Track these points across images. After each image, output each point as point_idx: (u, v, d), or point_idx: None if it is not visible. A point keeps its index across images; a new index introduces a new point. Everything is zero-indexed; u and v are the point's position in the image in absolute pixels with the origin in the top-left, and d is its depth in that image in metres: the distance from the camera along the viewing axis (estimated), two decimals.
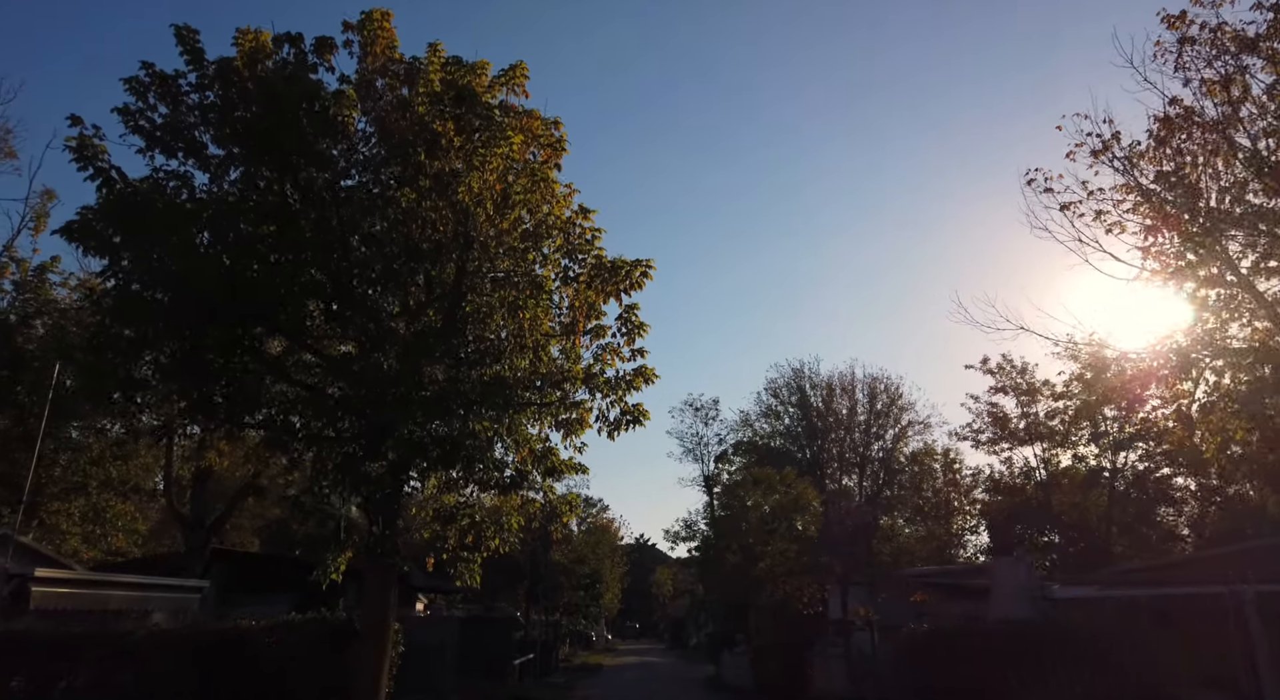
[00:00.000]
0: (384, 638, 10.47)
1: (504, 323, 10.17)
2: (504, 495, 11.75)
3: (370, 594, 10.58)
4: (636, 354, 12.56)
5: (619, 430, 12.74)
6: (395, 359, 9.78)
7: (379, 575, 10.60)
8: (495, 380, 10.47)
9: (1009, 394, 33.71)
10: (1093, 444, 31.96)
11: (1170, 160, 10.45)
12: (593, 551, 52.10)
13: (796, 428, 55.27)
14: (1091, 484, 32.38)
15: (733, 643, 30.33)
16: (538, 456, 11.06)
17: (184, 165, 10.18)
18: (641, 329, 12.36)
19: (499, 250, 10.02)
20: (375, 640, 10.43)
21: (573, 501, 13.33)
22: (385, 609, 10.56)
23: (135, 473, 20.36)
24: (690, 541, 45.64)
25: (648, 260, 11.30)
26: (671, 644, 70.68)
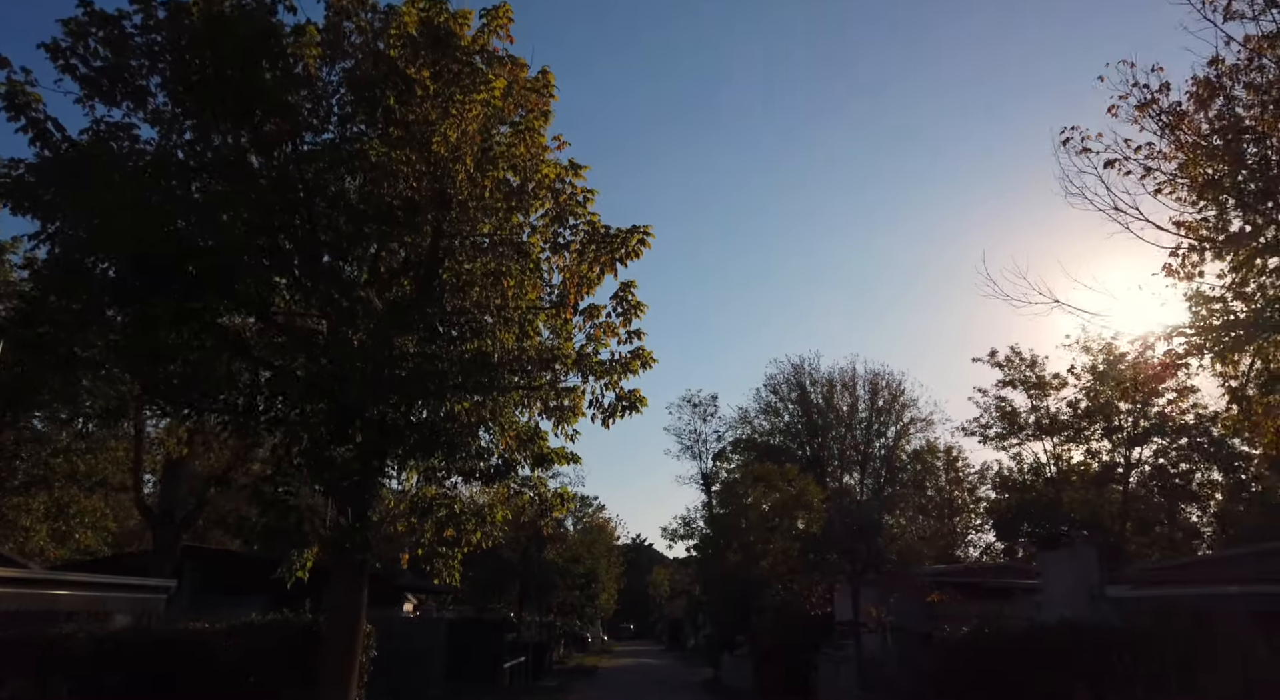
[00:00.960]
0: (352, 642, 9.51)
1: (485, 293, 9.19)
2: (488, 486, 10.81)
3: (338, 594, 9.62)
4: (633, 336, 11.74)
5: (614, 418, 11.93)
6: (365, 333, 8.81)
7: (348, 573, 9.65)
8: (477, 358, 9.52)
9: (1018, 388, 32.86)
10: (1106, 439, 31.10)
11: (1225, 116, 9.55)
12: (588, 551, 51.17)
13: (797, 425, 54.44)
14: (1104, 480, 31.51)
15: (733, 645, 29.43)
16: (523, 441, 10.09)
17: (129, 116, 9.19)
18: (638, 309, 11.52)
19: (479, 213, 9.05)
20: (342, 644, 9.48)
21: (564, 495, 12.37)
22: (354, 610, 9.61)
23: (105, 466, 19.34)
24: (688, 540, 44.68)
25: (645, 227, 10.37)
26: (669, 645, 69.85)
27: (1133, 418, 29.87)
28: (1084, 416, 30.95)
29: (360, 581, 9.73)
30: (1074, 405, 31.30)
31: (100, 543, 21.91)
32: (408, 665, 20.60)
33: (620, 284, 11.60)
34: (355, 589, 9.66)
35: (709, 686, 28.78)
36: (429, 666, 23.38)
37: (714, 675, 31.57)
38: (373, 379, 8.72)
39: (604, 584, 55.35)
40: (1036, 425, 32.48)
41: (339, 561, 9.72)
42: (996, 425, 33.67)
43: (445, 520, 9.82)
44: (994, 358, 33.15)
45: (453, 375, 9.36)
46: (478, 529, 10.06)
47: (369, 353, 8.71)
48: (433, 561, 9.87)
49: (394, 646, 19.96)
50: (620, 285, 11.53)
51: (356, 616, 9.64)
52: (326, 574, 10.99)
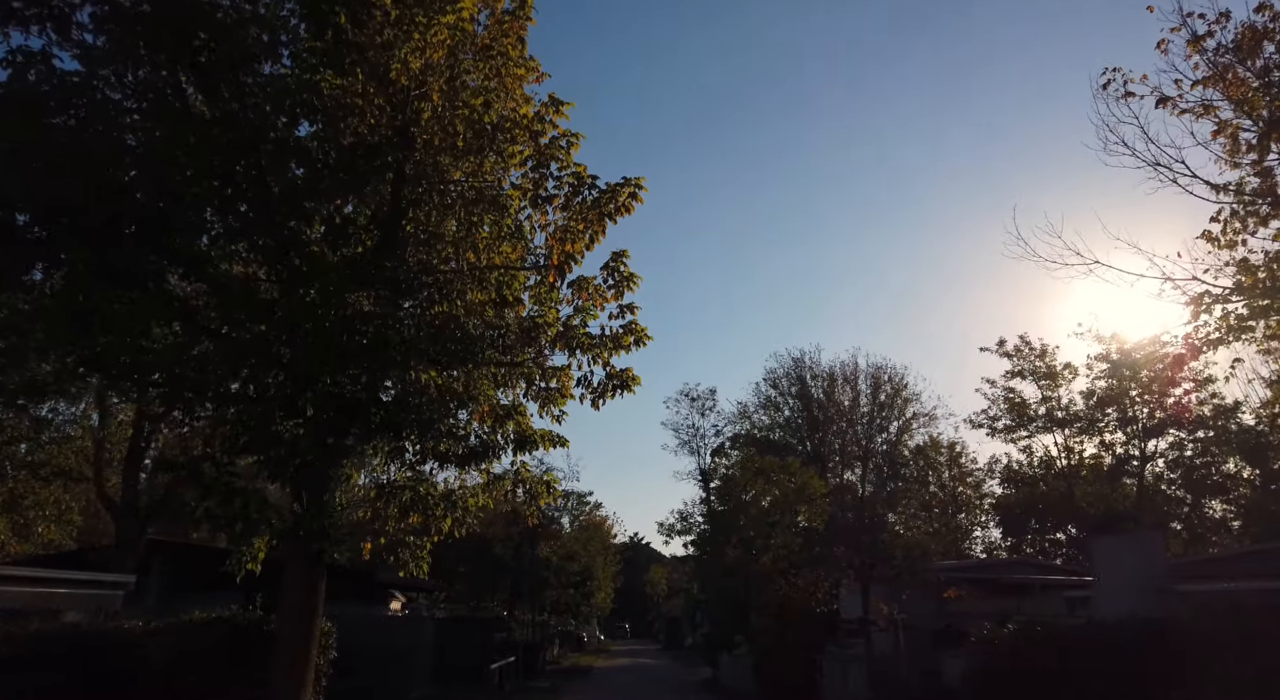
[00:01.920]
0: (307, 641, 8.50)
1: (455, 248, 8.17)
2: (463, 470, 9.80)
3: (289, 588, 8.61)
4: (625, 310, 10.76)
5: (604, 398, 11.00)
6: (317, 290, 7.79)
7: (301, 565, 8.64)
8: (447, 322, 8.52)
9: (1027, 378, 31.85)
10: (1120, 431, 30.12)
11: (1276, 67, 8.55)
12: (584, 548, 50.15)
13: (797, 419, 53.54)
14: (1118, 473, 30.53)
15: (731, 644, 28.44)
16: (500, 417, 9.08)
17: (50, 47, 8.15)
18: (631, 281, 10.60)
19: (448, 156, 8.02)
20: (296, 644, 8.48)
21: (551, 482, 11.35)
22: (310, 606, 8.61)
23: (65, 455, 18.28)
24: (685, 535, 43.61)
25: (637, 179, 9.38)
26: (666, 644, 68.92)
27: (1148, 409, 28.89)
28: (1098, 407, 29.95)
29: (317, 574, 8.73)
30: (1087, 395, 30.33)
31: (65, 537, 20.87)
32: (390, 665, 19.64)
33: (612, 253, 10.72)
34: (311, 583, 8.66)
35: (707, 687, 27.81)
36: (414, 666, 22.42)
37: (712, 675, 30.59)
38: (326, 343, 7.72)
39: (600, 582, 54.34)
40: (1048, 417, 31.48)
41: (290, 552, 8.73)
42: (1005, 417, 32.68)
43: (410, 505, 8.80)
44: (1002, 347, 32.18)
45: (419, 342, 8.36)
46: (448, 515, 9.05)
47: (321, 312, 7.70)
48: (397, 551, 8.86)
49: (375, 645, 19.06)
50: (612, 255, 10.65)
51: (312, 613, 8.64)
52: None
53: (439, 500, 9.03)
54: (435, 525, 9.10)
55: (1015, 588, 16.10)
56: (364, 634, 18.47)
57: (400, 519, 8.79)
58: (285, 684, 8.25)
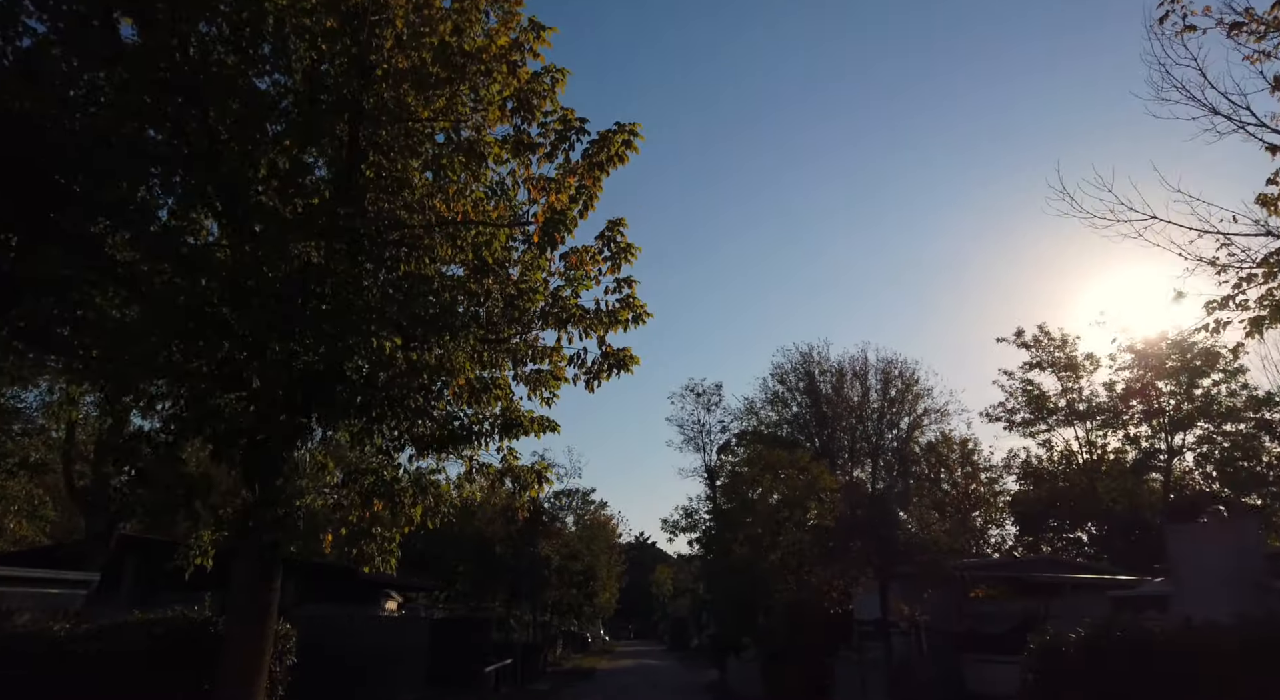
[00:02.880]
0: (257, 646, 7.53)
1: (421, 196, 7.18)
2: (440, 454, 8.82)
3: (239, 585, 7.65)
4: (623, 284, 9.81)
5: (598, 379, 10.07)
6: (263, 244, 6.82)
7: (254, 558, 7.67)
8: (415, 282, 7.54)
9: (1046, 369, 30.70)
10: (1145, 424, 28.94)
11: None
12: (587, 547, 49.12)
13: (805, 416, 52.55)
14: (1143, 468, 29.34)
15: (739, 646, 27.43)
16: (476, 391, 8.10)
17: None
18: (629, 252, 9.71)
19: (413, 90, 7.02)
20: (245, 647, 7.51)
21: (543, 471, 10.37)
22: (260, 606, 7.64)
23: (36, 446, 17.40)
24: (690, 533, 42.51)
25: (632, 125, 8.37)
26: (672, 646, 67.96)
27: (1176, 400, 27.71)
28: (1123, 399, 28.79)
29: (271, 569, 7.75)
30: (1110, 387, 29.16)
31: (38, 533, 19.99)
32: (376, 668, 18.73)
33: (608, 222, 9.81)
34: (264, 578, 7.69)
35: (713, 691, 26.79)
36: (408, 669, 21.53)
37: (719, 678, 29.59)
38: (273, 304, 6.75)
39: (604, 582, 53.28)
40: (1068, 409, 30.32)
41: (241, 543, 7.77)
42: (1024, 410, 31.52)
43: (373, 491, 7.81)
44: (1020, 337, 31.02)
45: (385, 306, 7.39)
46: (418, 503, 8.06)
47: (267, 268, 6.73)
48: (360, 543, 7.87)
49: (360, 648, 18.15)
50: (608, 223, 9.73)
51: (264, 613, 7.67)
52: (294, 565, 9.07)
53: (407, 486, 8.03)
54: (404, 515, 8.11)
55: (1044, 587, 15.06)
56: (347, 636, 17.61)
57: (363, 507, 7.81)
58: (230, 692, 7.29)
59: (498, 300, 8.74)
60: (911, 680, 14.55)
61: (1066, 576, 16.07)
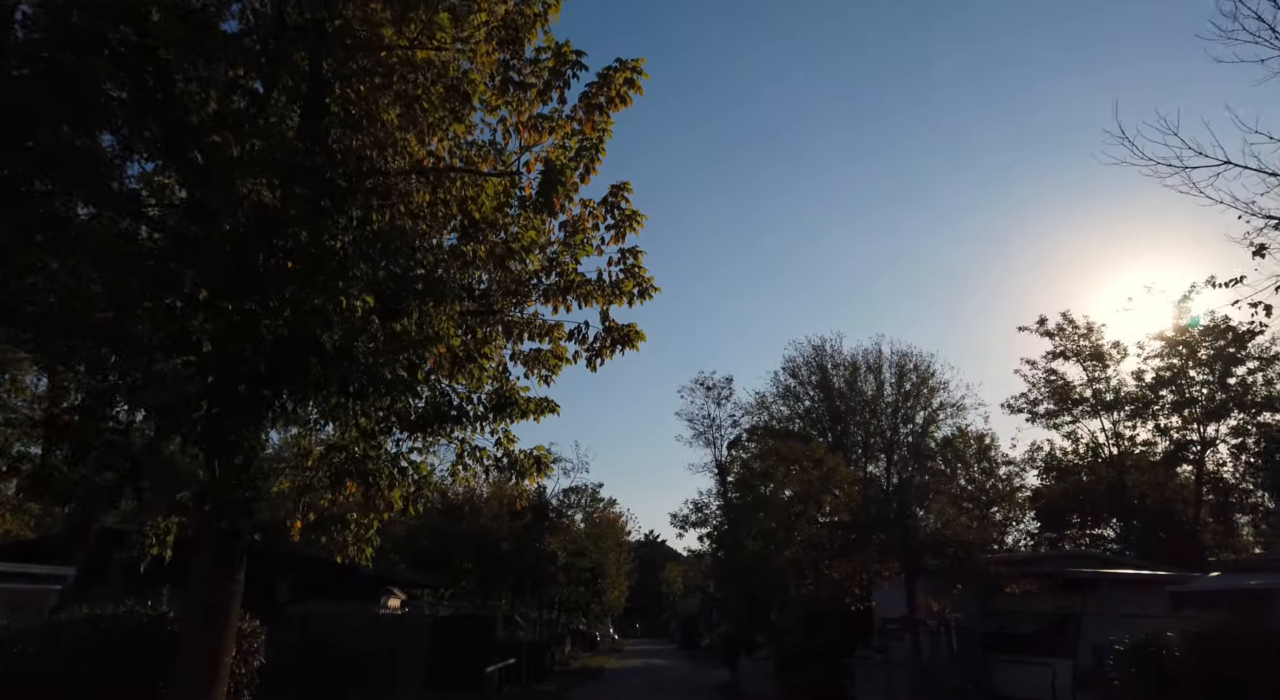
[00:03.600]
0: (215, 645, 6.73)
1: (392, 133, 6.33)
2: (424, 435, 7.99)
3: (195, 577, 6.85)
4: (627, 255, 8.99)
5: (601, 357, 9.27)
6: (212, 186, 5.99)
7: (212, 546, 6.87)
8: (388, 234, 6.70)
9: (1070, 359, 29.60)
10: (1175, 415, 27.80)
11: None
12: (595, 544, 48.31)
13: (818, 410, 51.67)
14: (1174, 460, 28.21)
15: (751, 645, 26.58)
16: (458, 360, 7.27)
17: None
18: (635, 220, 8.95)
19: (383, 11, 6.17)
20: (199, 648, 6.71)
21: (542, 458, 9.54)
22: (219, 600, 6.83)
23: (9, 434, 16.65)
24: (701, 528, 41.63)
25: (635, 61, 7.51)
26: (682, 644, 67.14)
27: (1208, 389, 26.58)
28: (1153, 388, 27.65)
29: (232, 558, 6.94)
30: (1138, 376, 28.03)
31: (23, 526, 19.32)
32: (372, 668, 18.00)
33: (610, 187, 9.03)
34: (223, 569, 6.88)
35: (725, 692, 25.91)
36: (408, 668, 20.79)
37: (730, 679, 28.69)
38: (225, 257, 5.94)
39: (613, 580, 52.47)
40: (1094, 400, 29.19)
41: (199, 531, 6.97)
42: (1047, 401, 30.41)
43: (344, 470, 6.98)
44: (1043, 326, 29.95)
45: (354, 261, 6.56)
46: (395, 485, 7.22)
47: (217, 215, 5.90)
48: (330, 530, 7.05)
49: (354, 647, 17.43)
50: (611, 188, 8.96)
51: (223, 609, 6.86)
52: (289, 562, 8.29)
53: (383, 467, 7.19)
54: (382, 499, 7.28)
55: (1079, 584, 14.14)
56: (341, 634, 16.90)
57: (333, 489, 6.98)
58: (183, 695, 6.49)
59: (485, 262, 7.92)
60: (935, 682, 13.66)
61: (1109, 572, 15.11)
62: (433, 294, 7.49)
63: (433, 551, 36.12)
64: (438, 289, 7.63)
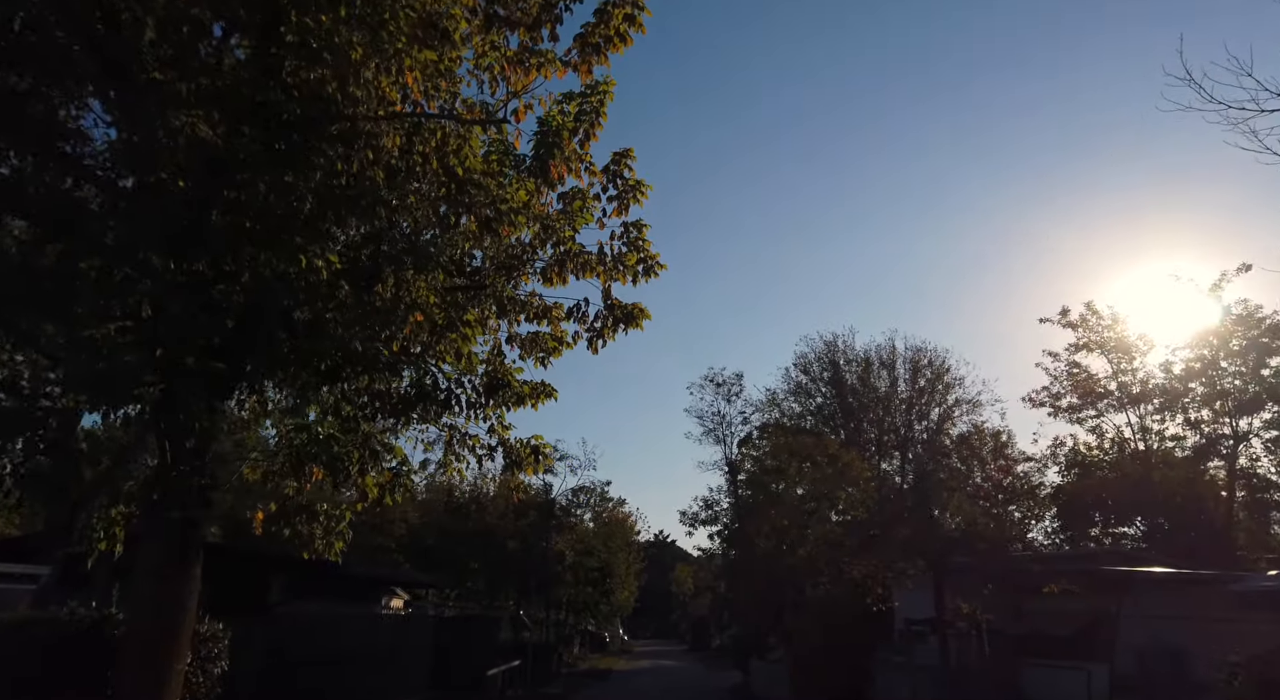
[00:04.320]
0: (165, 647, 6.01)
1: (357, 65, 5.55)
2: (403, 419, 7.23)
3: (142, 571, 6.13)
4: (630, 228, 8.28)
5: (603, 338, 8.57)
6: (155, 127, 5.24)
7: (163, 538, 6.14)
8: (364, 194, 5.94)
9: (1094, 351, 28.58)
10: (1206, 408, 26.76)
11: None
12: (604, 544, 47.57)
13: (830, 407, 50.77)
14: (1205, 455, 27.14)
15: (763, 647, 25.78)
16: (437, 327, 6.51)
17: None
18: (639, 190, 8.32)
19: None
20: (148, 651, 5.99)
21: (541, 447, 8.80)
22: (172, 598, 6.10)
23: None
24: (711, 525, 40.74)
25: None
26: (692, 645, 66.39)
27: (1241, 381, 25.52)
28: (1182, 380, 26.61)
29: (185, 552, 6.21)
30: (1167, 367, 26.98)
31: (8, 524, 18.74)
32: (373, 671, 17.33)
33: (613, 155, 8.29)
34: (175, 564, 6.15)
35: (737, 695, 25.13)
36: (407, 672, 20.13)
37: (742, 681, 27.90)
38: (159, 205, 5.19)
39: (622, 580, 51.71)
40: (1121, 393, 28.16)
41: (148, 522, 6.26)
42: (1069, 395, 29.40)
43: (306, 453, 6.22)
44: (1065, 317, 28.94)
45: (314, 217, 5.81)
46: (367, 471, 6.46)
47: (155, 161, 5.16)
48: (294, 521, 6.30)
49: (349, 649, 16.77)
50: (613, 156, 8.25)
51: (177, 608, 6.13)
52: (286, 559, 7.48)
53: (351, 449, 6.42)
54: (354, 487, 6.53)
55: (1116, 583, 13.27)
56: (334, 637, 16.23)
57: (294, 474, 6.22)
58: None
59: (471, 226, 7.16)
60: (962, 686, 12.81)
61: (1150, 570, 14.22)
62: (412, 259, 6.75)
63: (437, 551, 35.51)
64: (419, 256, 6.88)
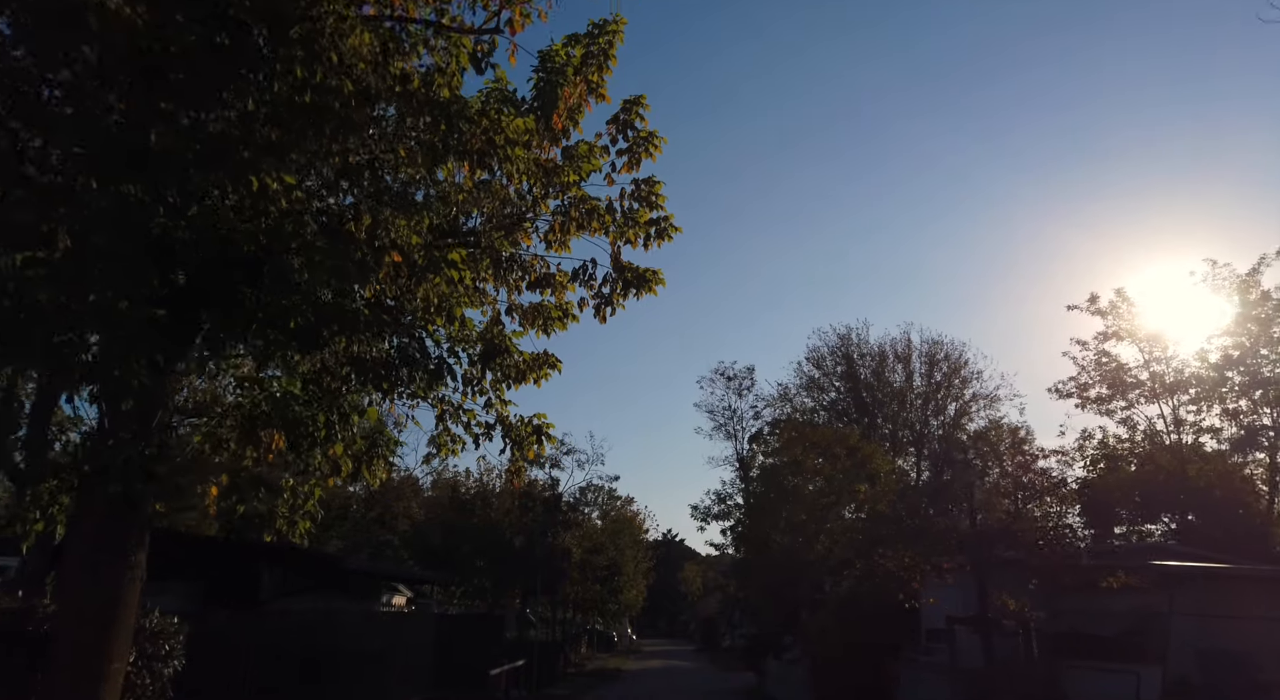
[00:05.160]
0: (98, 645, 5.15)
1: None
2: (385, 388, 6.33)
3: (71, 557, 5.29)
4: (642, 186, 7.37)
5: (612, 305, 7.77)
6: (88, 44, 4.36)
7: (98, 517, 5.29)
8: (325, 106, 5.06)
9: (1125, 339, 27.48)
10: (1244, 398, 25.66)
11: None
12: (612, 541, 46.78)
13: (843, 402, 49.88)
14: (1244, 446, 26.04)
15: (779, 646, 24.83)
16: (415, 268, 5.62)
17: None
18: (652, 142, 7.56)
19: None
20: (80, 649, 5.14)
21: (543, 426, 7.96)
22: (107, 588, 5.24)
23: None
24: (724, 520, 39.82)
25: None
26: (702, 645, 65.54)
27: None
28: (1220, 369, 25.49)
29: (124, 535, 5.35)
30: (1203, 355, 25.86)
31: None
32: (369, 671, 16.54)
33: (623, 102, 7.45)
34: (111, 549, 5.29)
35: (753, 698, 24.20)
36: (406, 671, 19.33)
37: (756, 683, 26.99)
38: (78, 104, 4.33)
39: (630, 578, 50.93)
40: (1153, 383, 27.05)
41: (86, 503, 5.41)
42: (1098, 385, 28.30)
43: (259, 415, 5.33)
44: (1094, 304, 27.84)
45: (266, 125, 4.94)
46: (335, 438, 5.56)
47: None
48: (249, 496, 5.41)
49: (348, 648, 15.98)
50: (623, 104, 7.46)
51: (113, 600, 5.27)
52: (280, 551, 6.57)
53: (315, 411, 5.52)
54: (321, 460, 5.64)
55: (1167, 579, 12.30)
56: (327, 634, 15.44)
57: (246, 440, 5.33)
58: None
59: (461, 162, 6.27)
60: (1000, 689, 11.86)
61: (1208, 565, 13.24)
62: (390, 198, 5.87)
63: (442, 548, 34.78)
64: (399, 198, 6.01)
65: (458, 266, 5.67)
